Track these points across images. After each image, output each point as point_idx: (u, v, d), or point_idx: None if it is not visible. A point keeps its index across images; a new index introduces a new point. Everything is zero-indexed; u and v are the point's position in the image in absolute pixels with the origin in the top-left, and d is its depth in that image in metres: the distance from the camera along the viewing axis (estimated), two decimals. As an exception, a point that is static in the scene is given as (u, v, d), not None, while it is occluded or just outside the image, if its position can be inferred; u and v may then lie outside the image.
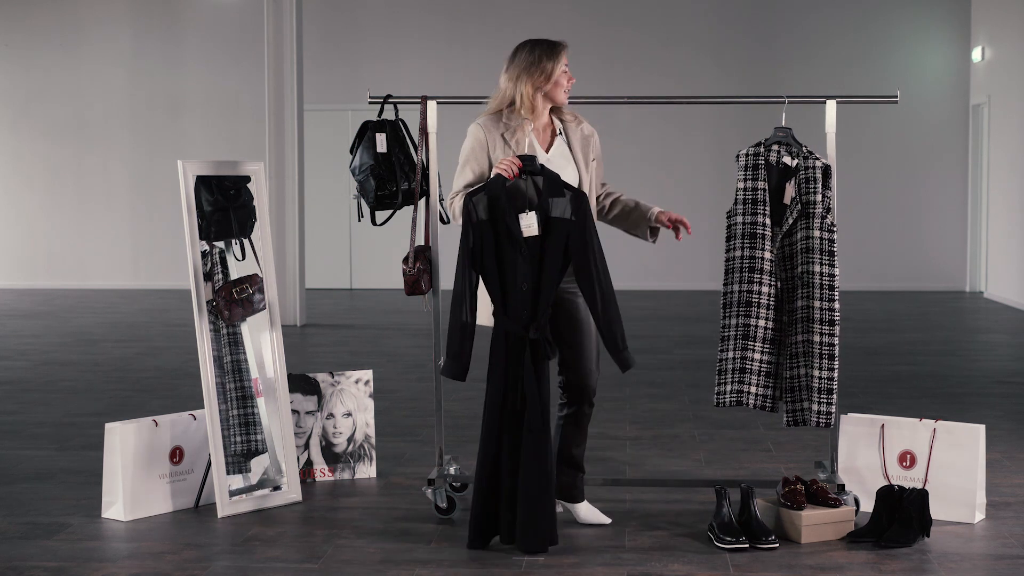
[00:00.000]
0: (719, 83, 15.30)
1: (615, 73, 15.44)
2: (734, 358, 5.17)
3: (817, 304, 5.10)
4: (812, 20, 15.51)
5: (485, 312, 4.90)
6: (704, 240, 15.69)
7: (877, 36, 15.44)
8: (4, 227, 16.17)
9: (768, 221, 5.13)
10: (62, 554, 4.79)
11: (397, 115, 5.47)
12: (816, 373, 5.09)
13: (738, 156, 5.17)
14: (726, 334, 5.19)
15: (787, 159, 5.13)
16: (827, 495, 5.00)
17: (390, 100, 5.48)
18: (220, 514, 5.26)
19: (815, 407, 5.10)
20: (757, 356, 5.15)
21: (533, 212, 4.75)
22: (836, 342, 5.08)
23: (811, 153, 5.16)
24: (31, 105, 16.09)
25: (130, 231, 16.02)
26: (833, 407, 5.10)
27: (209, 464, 5.35)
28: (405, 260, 5.29)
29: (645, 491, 5.62)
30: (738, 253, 5.16)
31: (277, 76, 12.13)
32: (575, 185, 4.95)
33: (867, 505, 5.20)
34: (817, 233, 5.10)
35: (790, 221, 5.13)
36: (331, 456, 5.93)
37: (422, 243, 5.34)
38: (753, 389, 5.17)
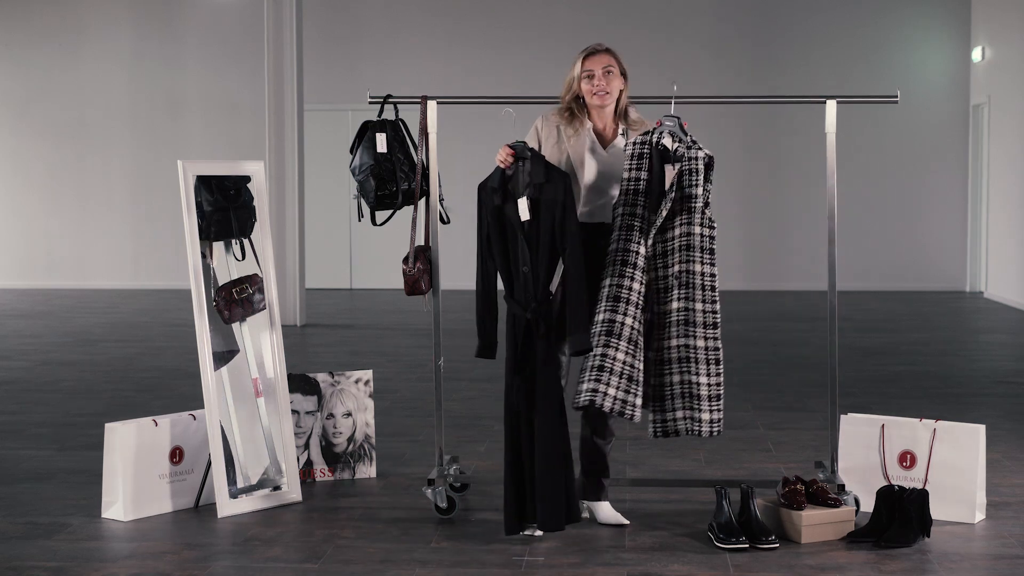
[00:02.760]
0: (719, 84, 15.30)
1: (615, 73, 15.43)
2: (595, 355, 4.87)
3: (699, 307, 4.88)
4: (812, 20, 15.52)
5: None
6: (704, 240, 15.70)
7: (877, 36, 15.44)
8: (4, 227, 16.17)
9: (645, 213, 4.93)
10: (62, 554, 4.79)
11: (397, 115, 5.48)
12: (704, 380, 4.87)
13: (625, 146, 5.03)
14: (594, 329, 4.90)
15: (666, 140, 4.99)
16: (827, 495, 5.00)
17: (390, 100, 5.48)
18: (220, 514, 5.26)
19: (706, 416, 4.88)
20: (621, 356, 4.86)
21: (524, 198, 4.87)
22: (720, 346, 4.90)
23: (695, 143, 4.99)
24: (31, 105, 16.09)
25: (130, 231, 16.02)
26: (722, 413, 4.92)
27: (209, 464, 5.35)
28: (405, 260, 5.29)
29: (645, 491, 5.62)
30: (613, 246, 4.94)
31: (277, 76, 12.13)
32: None
33: (867, 505, 5.19)
34: (698, 229, 4.90)
35: (663, 213, 4.89)
36: (331, 456, 5.92)
37: (422, 243, 5.34)
38: (612, 391, 4.84)
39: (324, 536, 5.02)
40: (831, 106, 5.36)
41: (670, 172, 4.94)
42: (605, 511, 5.13)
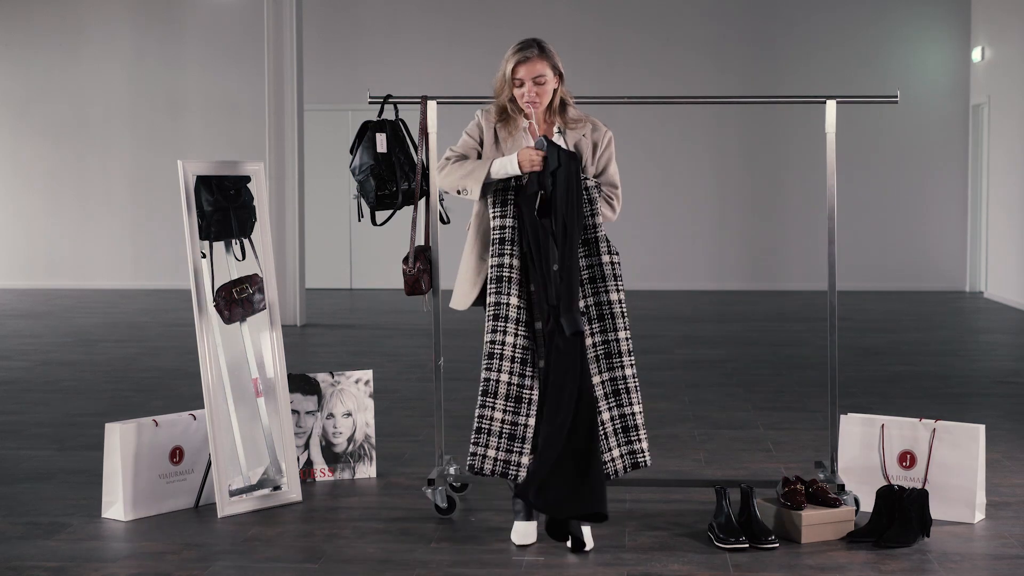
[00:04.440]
0: (719, 83, 15.30)
1: (615, 73, 15.45)
2: (475, 416, 4.75)
3: (621, 335, 4.79)
4: (812, 20, 15.52)
5: (460, 296, 4.99)
6: (704, 240, 15.71)
7: (877, 36, 15.45)
8: (4, 227, 16.18)
9: (515, 262, 4.75)
10: (62, 554, 4.79)
11: (397, 115, 5.48)
12: (637, 408, 4.81)
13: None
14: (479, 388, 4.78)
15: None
16: (827, 495, 5.00)
17: (390, 100, 5.48)
18: (220, 514, 5.26)
19: (645, 444, 4.83)
20: (498, 415, 4.73)
21: (537, 192, 4.79)
22: (636, 371, 4.82)
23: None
24: (31, 105, 16.09)
25: (130, 231, 16.02)
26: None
27: (209, 464, 5.36)
28: (405, 260, 5.29)
29: (645, 491, 5.62)
30: (490, 299, 4.78)
31: (277, 76, 12.13)
32: None
33: (867, 505, 5.20)
34: (606, 258, 4.79)
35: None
36: (331, 456, 5.93)
37: (422, 243, 5.34)
38: (491, 453, 4.72)
39: (324, 536, 5.02)
40: (831, 106, 5.35)
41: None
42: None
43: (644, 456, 4.86)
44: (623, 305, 4.81)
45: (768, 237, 15.67)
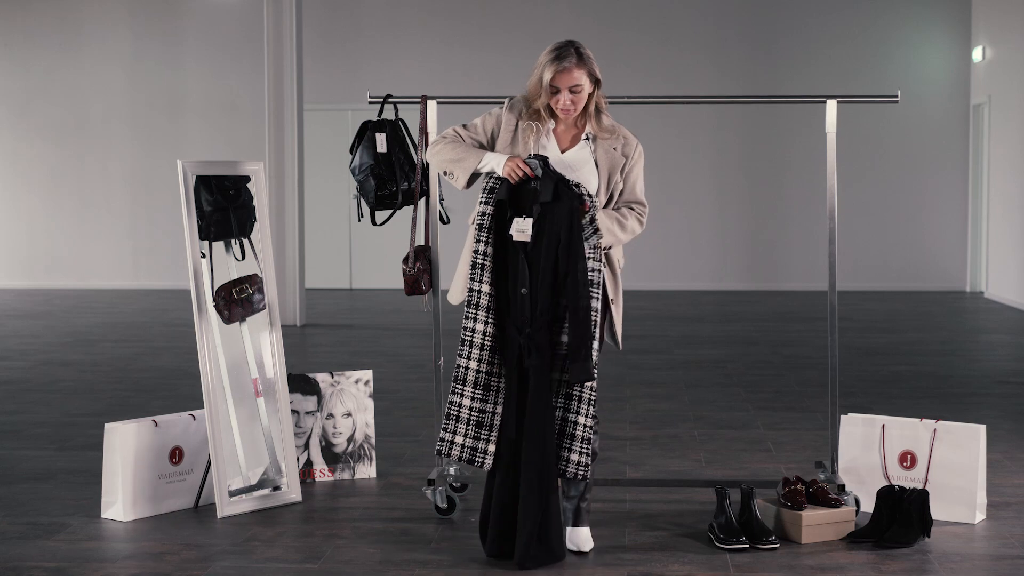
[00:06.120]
0: (719, 84, 15.30)
1: (615, 74, 15.38)
2: (446, 402, 4.75)
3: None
4: (813, 20, 15.52)
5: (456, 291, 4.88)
6: (704, 240, 15.71)
7: (877, 36, 15.44)
8: (4, 227, 16.17)
9: (491, 251, 4.68)
10: (62, 554, 4.79)
11: (397, 115, 5.48)
12: (581, 420, 4.63)
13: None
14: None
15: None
16: (827, 495, 5.00)
17: (390, 100, 5.48)
18: (220, 514, 5.26)
19: (574, 456, 4.63)
20: (467, 402, 4.70)
21: (524, 218, 4.65)
22: (596, 387, 4.69)
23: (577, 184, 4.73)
24: (31, 105, 16.09)
25: (130, 231, 16.01)
26: (591, 459, 4.67)
27: (209, 464, 5.35)
28: (405, 260, 5.29)
29: (645, 491, 5.62)
30: (468, 286, 4.74)
31: (277, 76, 12.13)
32: (592, 190, 4.78)
33: (867, 505, 5.20)
34: (581, 264, 4.65)
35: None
36: (331, 456, 5.92)
37: (422, 243, 5.35)
38: (459, 439, 4.70)
39: (324, 536, 5.02)
40: (831, 106, 5.35)
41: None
42: (571, 536, 4.88)
43: (571, 467, 4.64)
44: (594, 314, 4.65)
45: (768, 237, 15.67)
